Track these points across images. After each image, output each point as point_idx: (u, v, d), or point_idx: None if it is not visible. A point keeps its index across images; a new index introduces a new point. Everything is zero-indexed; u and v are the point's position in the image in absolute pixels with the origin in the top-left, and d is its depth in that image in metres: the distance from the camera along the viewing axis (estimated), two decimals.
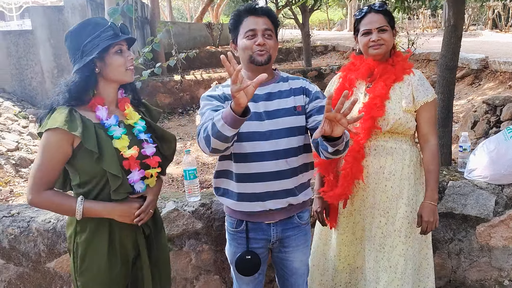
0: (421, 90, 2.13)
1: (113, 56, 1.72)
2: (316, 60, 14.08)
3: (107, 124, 1.74)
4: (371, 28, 2.10)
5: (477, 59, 7.94)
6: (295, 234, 2.00)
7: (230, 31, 1.95)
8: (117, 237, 1.79)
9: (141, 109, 1.93)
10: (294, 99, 1.92)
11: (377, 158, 2.15)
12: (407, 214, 2.12)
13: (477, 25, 20.75)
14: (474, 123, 4.94)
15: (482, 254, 2.66)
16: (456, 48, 3.78)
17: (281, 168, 1.87)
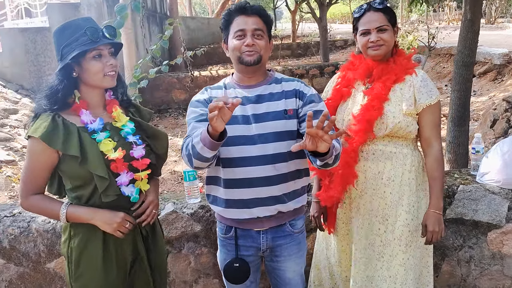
0: (423, 91, 2.01)
1: (90, 61, 1.68)
2: (335, 55, 13.88)
3: (90, 128, 1.71)
4: (369, 28, 1.99)
5: (500, 54, 7.66)
6: (287, 243, 1.92)
7: (222, 30, 1.89)
8: (112, 241, 1.77)
9: (131, 110, 1.89)
10: (285, 102, 1.84)
11: (375, 163, 2.05)
12: (407, 222, 2.02)
13: (505, 18, 20.10)
14: (493, 121, 4.74)
15: (493, 262, 2.54)
16: (473, 44, 3.63)
17: (268, 174, 1.79)
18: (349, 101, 2.12)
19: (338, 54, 14.04)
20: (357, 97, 2.10)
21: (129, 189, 1.76)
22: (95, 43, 1.65)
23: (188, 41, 12.39)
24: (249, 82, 1.87)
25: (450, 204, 2.51)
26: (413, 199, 2.04)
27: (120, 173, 1.73)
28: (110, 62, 1.69)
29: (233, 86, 1.89)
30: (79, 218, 1.72)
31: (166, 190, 4.66)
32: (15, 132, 6.45)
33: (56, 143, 1.63)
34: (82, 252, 1.75)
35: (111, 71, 1.70)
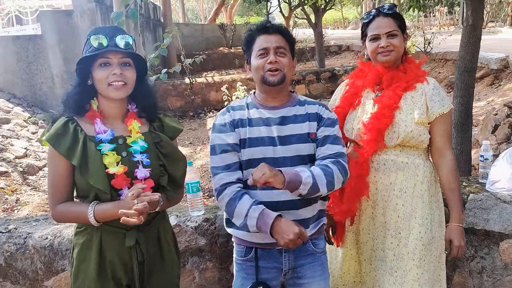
0: (436, 100, 1.95)
1: (96, 69, 1.64)
2: (330, 60, 13.89)
3: (97, 138, 1.66)
4: (379, 33, 1.94)
5: (497, 59, 7.67)
6: (309, 262, 1.85)
7: (244, 51, 1.88)
8: (108, 258, 1.70)
9: (154, 124, 1.79)
10: (309, 125, 1.80)
11: (386, 173, 1.98)
12: (421, 235, 1.95)
13: (496, 22, 20.27)
14: (495, 127, 4.71)
15: (506, 273, 2.47)
16: (475, 49, 3.60)
17: (293, 198, 1.72)
18: (358, 109, 2.06)
19: (333, 60, 14.06)
20: (366, 105, 2.04)
21: None
22: (98, 50, 1.60)
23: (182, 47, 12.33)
24: (273, 102, 1.83)
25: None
26: (426, 211, 1.98)
27: (122, 189, 1.66)
28: (114, 71, 1.62)
29: (256, 106, 1.85)
30: (108, 214, 1.62)
31: None
32: (8, 143, 6.34)
33: (61, 147, 1.61)
34: (79, 264, 1.72)
35: (115, 81, 1.62)
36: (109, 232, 1.69)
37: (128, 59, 1.66)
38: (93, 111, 1.69)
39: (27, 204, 4.90)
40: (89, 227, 1.70)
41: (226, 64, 14.44)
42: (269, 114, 1.81)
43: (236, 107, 1.89)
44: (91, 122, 1.68)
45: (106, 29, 1.65)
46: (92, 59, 1.63)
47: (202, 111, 9.70)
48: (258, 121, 1.81)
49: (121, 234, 1.70)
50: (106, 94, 1.65)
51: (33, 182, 5.49)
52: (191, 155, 6.91)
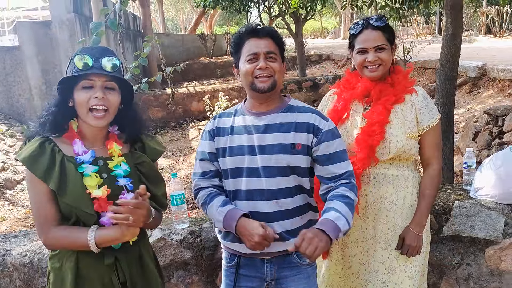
0: (425, 112, 1.94)
1: (78, 91, 1.55)
2: (311, 69, 13.99)
3: (79, 159, 1.57)
4: (367, 47, 1.90)
5: (475, 67, 7.83)
6: (293, 275, 1.79)
7: (232, 54, 1.80)
8: (86, 280, 1.61)
9: (136, 146, 1.73)
10: (294, 135, 1.71)
11: (376, 187, 1.97)
12: None
13: (471, 31, 20.76)
14: (475, 134, 4.78)
15: (492, 279, 2.48)
16: (455, 58, 3.66)
17: (269, 210, 1.70)
18: (348, 123, 2.03)
19: (313, 69, 14.16)
20: (356, 119, 2.01)
21: None
22: (80, 72, 1.52)
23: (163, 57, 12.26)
24: (260, 109, 1.77)
25: (447, 221, 2.45)
26: None
27: (105, 212, 1.57)
28: (96, 94, 1.52)
29: (243, 113, 1.80)
30: (109, 238, 1.54)
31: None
32: None
33: (38, 170, 1.51)
34: (56, 276, 1.63)
35: (96, 105, 1.53)
36: (86, 254, 1.59)
37: (112, 83, 1.58)
38: (72, 132, 1.61)
39: (4, 219, 4.75)
40: (64, 251, 1.62)
41: (207, 74, 14.43)
42: (253, 121, 1.75)
43: (224, 114, 1.86)
44: (69, 142, 1.60)
45: (93, 49, 1.57)
46: (74, 80, 1.54)
47: (184, 121, 9.63)
48: (241, 129, 1.77)
49: (99, 254, 1.60)
50: (85, 120, 1.57)
51: (11, 197, 5.32)
52: (174, 166, 6.83)
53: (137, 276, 1.70)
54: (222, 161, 1.78)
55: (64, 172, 1.54)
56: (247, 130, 1.75)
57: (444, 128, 3.69)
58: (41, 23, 8.27)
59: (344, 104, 2.04)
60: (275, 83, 1.70)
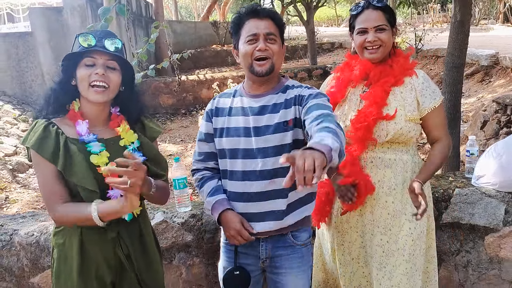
0: (427, 94, 1.93)
1: (80, 68, 1.60)
2: (322, 57, 13.89)
3: (81, 139, 1.63)
4: (367, 27, 1.89)
5: (487, 55, 7.70)
6: (287, 254, 1.82)
7: (232, 35, 1.80)
8: (91, 254, 1.66)
9: (136, 127, 1.77)
10: (285, 112, 1.72)
11: (374, 171, 1.97)
12: (411, 231, 1.95)
13: (488, 20, 20.36)
14: (483, 123, 4.73)
15: (491, 266, 2.49)
16: (463, 45, 3.61)
17: (266, 189, 1.73)
18: (345, 106, 2.03)
19: (325, 57, 14.06)
20: (353, 101, 2.01)
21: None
22: (84, 49, 1.57)
23: (175, 45, 12.27)
24: (257, 91, 1.79)
25: (446, 208, 2.46)
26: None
27: (113, 189, 1.61)
28: (97, 71, 1.57)
29: (241, 94, 1.82)
30: (112, 211, 1.57)
31: None
32: None
33: (45, 152, 1.57)
34: (60, 265, 1.68)
35: (96, 81, 1.58)
36: (90, 228, 1.65)
37: (114, 62, 1.62)
38: (75, 112, 1.65)
39: (16, 201, 4.87)
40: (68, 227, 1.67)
41: (218, 62, 14.40)
42: (250, 103, 1.77)
43: (224, 94, 1.89)
44: (71, 123, 1.65)
45: (97, 31, 1.64)
46: (78, 58, 1.59)
47: (193, 108, 9.67)
48: (238, 110, 1.79)
49: (102, 229, 1.66)
50: (86, 95, 1.62)
51: (23, 180, 5.45)
52: (182, 152, 6.89)
53: (138, 251, 1.76)
54: (218, 141, 1.82)
55: (68, 154, 1.59)
56: (244, 112, 1.77)
57: (451, 116, 3.66)
58: (53, 9, 8.33)
59: (342, 86, 2.04)
60: (273, 66, 1.70)
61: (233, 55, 1.85)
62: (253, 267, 1.86)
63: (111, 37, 1.63)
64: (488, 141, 4.48)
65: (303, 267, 1.86)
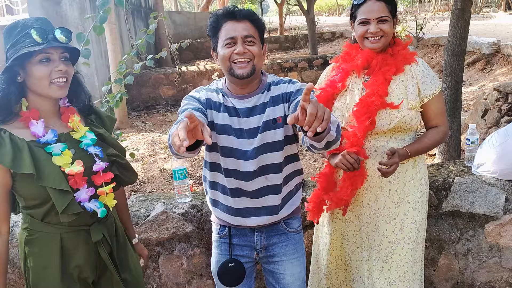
0: (427, 81, 1.94)
1: (35, 65, 1.50)
2: (323, 47, 13.82)
3: (42, 140, 1.55)
4: (369, 18, 1.88)
5: (489, 43, 7.65)
6: (282, 241, 1.85)
7: (210, 37, 1.75)
8: (73, 259, 1.63)
9: (91, 118, 1.73)
10: (273, 110, 1.72)
11: (378, 160, 1.95)
12: (414, 219, 1.97)
13: (490, 7, 20.19)
14: (484, 111, 4.70)
15: (491, 254, 2.50)
16: (464, 33, 3.58)
17: (260, 186, 1.75)
18: (346, 96, 2.02)
19: (326, 47, 13.98)
20: (355, 91, 2.00)
21: (93, 204, 1.60)
22: (41, 45, 1.47)
23: (175, 36, 12.23)
24: (242, 92, 1.75)
25: (446, 197, 2.46)
26: (418, 194, 1.99)
27: (80, 189, 1.57)
28: (59, 67, 1.51)
29: (225, 95, 1.77)
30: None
31: (156, 189, 4.57)
32: None
33: (4, 160, 1.47)
34: (39, 273, 1.61)
35: (59, 77, 1.51)
36: (71, 232, 1.61)
37: (66, 54, 1.56)
38: (25, 113, 1.55)
39: None
40: (45, 233, 1.60)
41: None
42: (238, 104, 1.73)
43: (208, 89, 1.82)
44: (22, 126, 1.55)
45: (39, 21, 1.53)
46: (28, 55, 1.48)
47: None
48: (230, 109, 1.75)
49: (83, 231, 1.63)
50: (46, 93, 1.53)
51: None
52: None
53: (117, 246, 1.75)
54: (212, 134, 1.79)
55: (34, 157, 1.51)
56: (236, 113, 1.74)
57: (452, 105, 3.64)
58: (51, 1, 8.24)
59: (343, 75, 2.03)
60: (254, 68, 1.66)
61: (213, 57, 1.79)
62: (247, 259, 1.88)
63: (59, 27, 1.54)
64: (489, 130, 4.46)
65: (298, 254, 1.88)
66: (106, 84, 3.08)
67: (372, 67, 1.96)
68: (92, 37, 4.83)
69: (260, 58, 1.68)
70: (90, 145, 1.63)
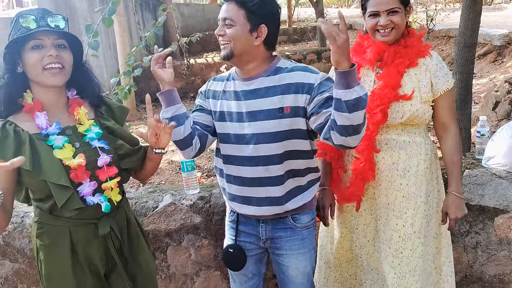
0: (440, 76, 1.91)
1: (27, 52, 1.47)
2: None
3: (44, 133, 1.52)
4: (379, 10, 1.84)
5: (500, 35, 7.55)
6: (287, 236, 1.83)
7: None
8: (82, 252, 1.63)
9: (101, 110, 1.70)
10: (282, 98, 1.67)
11: (389, 153, 1.94)
12: (425, 213, 1.95)
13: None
14: (495, 104, 4.65)
15: (501, 248, 2.48)
16: (475, 24, 3.53)
17: (259, 175, 1.73)
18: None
19: None
20: (367, 83, 1.98)
21: (96, 198, 1.59)
22: (29, 31, 1.44)
23: (183, 28, 12.20)
24: (246, 74, 1.74)
25: None
26: (430, 188, 1.97)
27: (82, 182, 1.55)
28: (50, 52, 1.46)
29: (234, 78, 1.80)
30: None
31: (164, 181, 4.59)
32: None
33: (7, 154, 1.44)
34: (51, 266, 1.61)
35: (50, 63, 1.47)
36: (79, 225, 1.61)
37: (62, 41, 1.52)
38: (29, 105, 1.53)
39: None
40: (54, 226, 1.60)
41: None
42: (242, 87, 1.73)
43: (218, 77, 1.87)
44: (29, 118, 1.53)
45: (34, 10, 1.50)
46: (21, 43, 1.47)
47: None
48: (231, 94, 1.76)
49: (92, 224, 1.62)
50: (41, 80, 1.50)
51: None
52: None
53: (127, 242, 1.74)
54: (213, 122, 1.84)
55: (35, 150, 1.49)
56: (237, 96, 1.74)
57: (462, 97, 3.60)
58: None
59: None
60: (232, 50, 1.64)
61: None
62: (254, 245, 1.89)
63: (52, 15, 1.50)
64: (500, 122, 4.41)
65: (304, 250, 1.85)
66: (114, 76, 3.09)
67: (385, 59, 1.93)
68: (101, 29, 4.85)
69: (239, 41, 1.63)
70: (95, 138, 1.60)
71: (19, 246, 2.44)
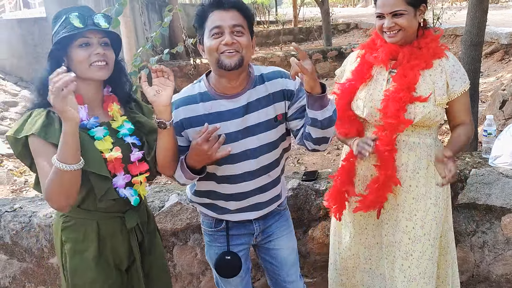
0: (457, 77, 1.88)
1: (75, 49, 1.54)
2: (338, 39, 13.68)
3: (85, 124, 1.57)
4: (383, 13, 1.82)
5: (507, 33, 7.48)
6: (276, 220, 1.92)
7: (196, 29, 1.67)
8: (108, 245, 1.67)
9: (130, 105, 1.76)
10: (274, 107, 1.69)
11: (398, 154, 1.93)
12: (435, 215, 1.94)
13: None
14: (502, 102, 4.61)
15: (508, 247, 2.46)
16: (481, 23, 3.51)
17: (262, 183, 1.76)
18: (370, 87, 1.96)
19: (340, 38, 13.84)
20: (379, 82, 1.96)
21: (127, 191, 1.63)
22: (79, 29, 1.51)
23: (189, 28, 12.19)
24: (232, 90, 1.66)
25: (463, 189, 2.43)
26: (439, 190, 1.96)
27: (117, 174, 1.60)
28: (97, 51, 1.54)
29: (213, 97, 1.67)
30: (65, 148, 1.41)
31: (170, 181, 4.60)
32: None
33: (53, 137, 1.49)
34: (76, 259, 1.64)
35: (97, 61, 1.55)
36: (106, 219, 1.65)
37: (107, 39, 1.59)
38: (76, 96, 1.49)
39: None
40: (82, 219, 1.64)
41: None
42: (231, 105, 1.66)
43: (184, 101, 1.70)
44: None
45: (80, 8, 1.56)
46: (69, 40, 1.53)
47: None
48: (221, 115, 1.66)
49: (119, 218, 1.67)
50: (88, 75, 1.56)
51: None
52: None
53: (148, 237, 1.79)
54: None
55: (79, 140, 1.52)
56: (227, 117, 1.67)
57: (469, 96, 3.58)
58: None
59: (368, 65, 1.97)
60: (242, 59, 1.58)
61: (199, 51, 1.71)
62: (245, 245, 1.92)
63: (97, 14, 1.57)
64: (507, 121, 4.38)
65: (290, 228, 1.98)
66: None
67: (399, 59, 1.89)
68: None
69: (248, 50, 1.61)
70: (127, 135, 1.66)
71: (27, 245, 2.46)
